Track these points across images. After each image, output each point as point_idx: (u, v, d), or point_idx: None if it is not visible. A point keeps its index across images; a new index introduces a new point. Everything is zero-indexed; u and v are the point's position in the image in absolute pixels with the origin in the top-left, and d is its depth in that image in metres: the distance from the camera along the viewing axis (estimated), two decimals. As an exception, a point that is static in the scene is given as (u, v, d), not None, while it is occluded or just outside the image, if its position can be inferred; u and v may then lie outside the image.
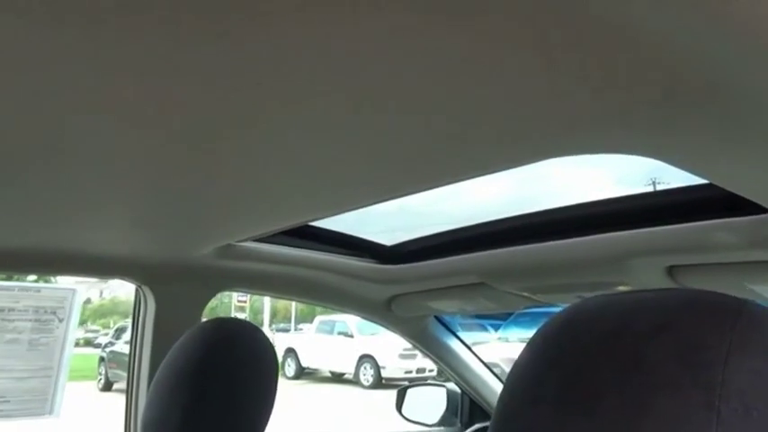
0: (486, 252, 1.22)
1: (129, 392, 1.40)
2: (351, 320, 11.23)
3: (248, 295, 10.82)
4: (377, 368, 10.03)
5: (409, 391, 2.20)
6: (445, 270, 1.37)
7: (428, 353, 1.86)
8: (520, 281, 1.26)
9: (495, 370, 2.03)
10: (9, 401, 1.30)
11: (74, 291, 1.34)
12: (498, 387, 1.95)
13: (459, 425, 2.01)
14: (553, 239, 1.09)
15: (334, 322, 10.99)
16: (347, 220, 1.31)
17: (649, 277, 1.03)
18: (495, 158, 0.75)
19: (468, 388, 1.93)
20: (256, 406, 0.91)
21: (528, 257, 1.16)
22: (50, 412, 1.35)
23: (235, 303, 12.86)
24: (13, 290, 1.28)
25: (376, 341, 10.32)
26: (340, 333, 10.72)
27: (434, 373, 8.46)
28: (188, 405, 0.87)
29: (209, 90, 0.56)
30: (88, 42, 0.47)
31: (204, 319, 1.37)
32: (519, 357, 0.45)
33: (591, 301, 0.43)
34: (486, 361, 1.99)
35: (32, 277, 1.69)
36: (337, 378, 10.84)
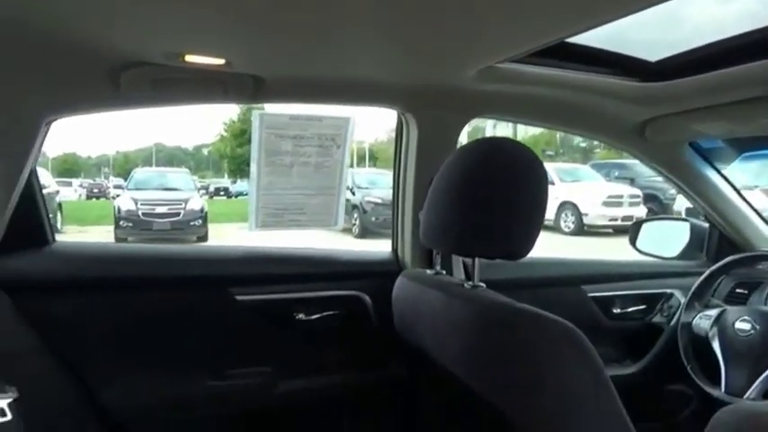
0: None
1: (396, 208, 1.59)
2: (550, 168, 10.90)
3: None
4: (578, 215, 9.87)
5: (645, 225, 2.13)
6: (721, 84, 1.23)
7: (678, 182, 1.76)
8: None
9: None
10: (305, 213, 1.57)
11: (348, 119, 1.50)
12: (759, 222, 1.80)
13: (704, 258, 1.93)
14: None
15: (533, 169, 10.85)
16: (606, 34, 1.22)
17: None
18: None
19: (720, 221, 1.81)
20: (530, 213, 0.95)
21: None
22: (335, 223, 1.61)
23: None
24: (301, 119, 1.47)
25: (578, 188, 10.02)
26: (540, 180, 10.60)
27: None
28: (467, 211, 0.95)
29: None
30: None
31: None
32: None
33: None
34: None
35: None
36: (536, 223, 10.96)
